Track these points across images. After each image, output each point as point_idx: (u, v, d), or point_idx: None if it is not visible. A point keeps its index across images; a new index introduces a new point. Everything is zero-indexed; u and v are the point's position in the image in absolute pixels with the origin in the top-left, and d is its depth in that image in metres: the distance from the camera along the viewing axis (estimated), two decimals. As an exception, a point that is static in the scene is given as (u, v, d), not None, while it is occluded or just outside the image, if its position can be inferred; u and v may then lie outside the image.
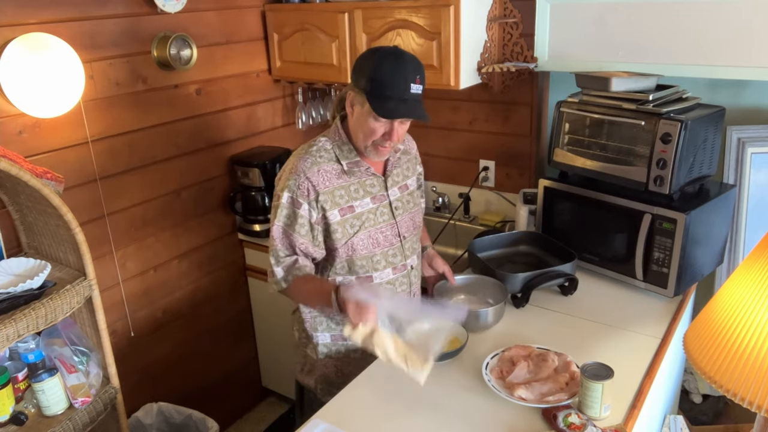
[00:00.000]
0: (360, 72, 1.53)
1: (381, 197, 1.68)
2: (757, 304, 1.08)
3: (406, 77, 1.49)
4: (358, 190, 1.64)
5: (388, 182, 1.69)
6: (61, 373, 1.75)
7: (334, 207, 1.60)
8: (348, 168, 1.62)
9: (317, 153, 1.61)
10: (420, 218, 1.83)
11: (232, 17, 2.52)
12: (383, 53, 1.52)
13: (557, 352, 1.58)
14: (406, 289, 1.76)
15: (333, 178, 1.61)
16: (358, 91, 1.52)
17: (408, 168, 1.79)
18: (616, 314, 1.81)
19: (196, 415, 2.20)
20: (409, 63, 1.51)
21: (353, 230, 1.63)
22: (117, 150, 2.19)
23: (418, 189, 1.85)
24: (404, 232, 1.73)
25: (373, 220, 1.66)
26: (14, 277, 1.70)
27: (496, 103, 2.55)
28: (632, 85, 1.88)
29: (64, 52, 1.89)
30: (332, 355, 1.76)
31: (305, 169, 1.58)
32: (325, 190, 1.59)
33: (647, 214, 1.83)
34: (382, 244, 1.67)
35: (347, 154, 1.63)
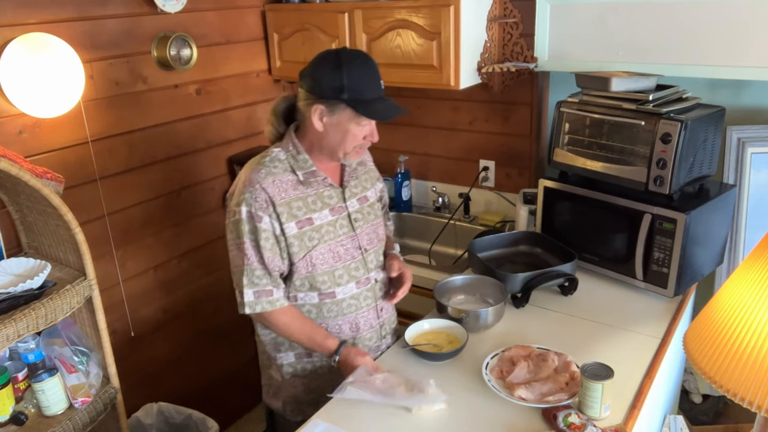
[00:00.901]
0: (325, 82, 1.46)
1: (339, 209, 1.62)
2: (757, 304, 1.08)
3: (377, 76, 1.50)
4: (315, 202, 1.58)
5: (346, 193, 1.64)
6: (61, 373, 1.75)
7: (290, 219, 1.53)
8: (304, 178, 1.56)
9: (271, 163, 1.55)
10: (383, 231, 1.77)
11: (232, 17, 2.53)
12: (347, 58, 1.48)
13: (557, 352, 1.58)
14: (372, 303, 1.69)
15: (289, 189, 1.54)
16: (329, 102, 1.47)
17: (366, 180, 1.73)
18: (616, 314, 1.81)
19: (196, 415, 2.20)
20: (373, 62, 1.51)
21: (312, 243, 1.56)
22: (117, 150, 2.19)
23: (379, 202, 1.80)
24: (365, 244, 1.67)
25: (333, 233, 1.60)
26: (14, 277, 1.70)
27: (496, 103, 2.55)
28: (632, 85, 1.88)
29: (64, 52, 1.89)
30: (298, 373, 1.70)
31: (260, 179, 1.52)
32: (282, 201, 1.52)
33: (647, 214, 1.83)
34: (343, 257, 1.61)
35: (302, 164, 1.57)
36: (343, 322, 1.65)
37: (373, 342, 1.71)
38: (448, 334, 1.71)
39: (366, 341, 1.70)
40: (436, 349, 1.64)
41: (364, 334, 1.69)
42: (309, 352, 1.68)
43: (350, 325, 1.66)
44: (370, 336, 1.70)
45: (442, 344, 1.67)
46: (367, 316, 1.69)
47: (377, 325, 1.72)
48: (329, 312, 1.63)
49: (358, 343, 1.68)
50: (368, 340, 1.70)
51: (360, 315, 1.67)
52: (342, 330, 1.66)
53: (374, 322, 1.71)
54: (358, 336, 1.68)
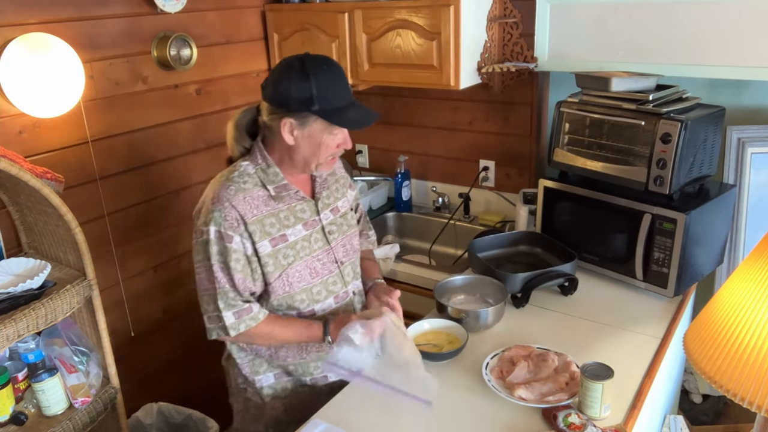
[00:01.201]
0: (297, 97, 1.38)
1: (313, 222, 1.56)
2: (757, 304, 1.09)
3: (345, 81, 1.44)
4: (288, 217, 1.51)
5: (319, 205, 1.58)
6: (61, 373, 1.75)
7: (264, 237, 1.46)
8: (276, 192, 1.49)
9: (240, 179, 1.47)
10: (357, 241, 1.71)
11: (232, 17, 2.52)
12: (313, 66, 1.40)
13: (557, 352, 1.58)
14: None
15: (261, 206, 1.47)
16: (299, 115, 1.40)
17: (337, 190, 1.67)
18: (616, 314, 1.81)
19: (196, 415, 2.20)
20: (339, 66, 1.44)
21: (287, 261, 1.50)
22: (117, 150, 2.19)
23: (352, 211, 1.73)
24: (341, 257, 1.61)
25: (308, 248, 1.54)
26: (14, 277, 1.70)
27: (496, 103, 2.55)
28: (632, 85, 1.88)
29: (64, 52, 1.89)
30: (279, 394, 1.65)
31: (229, 197, 1.43)
32: (253, 219, 1.45)
33: (647, 214, 1.83)
34: (320, 272, 1.56)
35: (273, 177, 1.49)
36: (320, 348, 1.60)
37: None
38: (448, 334, 1.71)
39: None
40: (436, 349, 1.64)
41: None
42: (289, 371, 1.63)
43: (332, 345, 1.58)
44: None
45: (442, 344, 1.67)
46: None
47: None
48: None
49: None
50: None
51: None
52: (323, 348, 1.60)
53: None
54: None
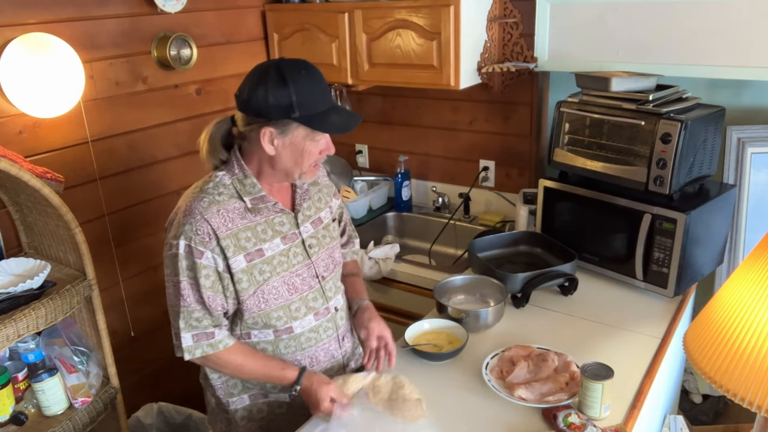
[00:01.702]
0: (276, 105, 1.31)
1: (292, 236, 1.48)
2: (757, 304, 1.09)
3: (325, 85, 1.38)
4: (266, 231, 1.44)
5: (299, 218, 1.50)
6: (61, 373, 1.75)
7: (238, 252, 1.39)
8: (252, 205, 1.42)
9: (215, 190, 1.40)
10: (338, 254, 1.63)
11: (232, 17, 2.53)
12: (290, 72, 1.32)
13: (557, 352, 1.58)
14: (333, 333, 1.58)
15: (236, 219, 1.40)
16: (278, 122, 1.33)
17: (320, 199, 1.60)
18: (616, 314, 1.81)
19: (196, 415, 2.20)
20: (317, 70, 1.38)
21: (263, 277, 1.42)
22: (117, 150, 2.19)
23: (333, 222, 1.65)
24: (322, 271, 1.54)
25: (287, 263, 1.46)
26: (14, 277, 1.70)
27: (496, 103, 2.55)
28: (632, 85, 1.88)
29: (64, 52, 1.89)
30: (254, 417, 1.58)
31: (202, 210, 1.37)
32: (227, 233, 1.38)
33: (647, 214, 1.83)
34: (300, 288, 1.49)
35: (250, 189, 1.42)
36: (302, 357, 1.54)
37: (335, 373, 1.59)
38: (448, 334, 1.71)
39: (327, 372, 1.58)
40: (436, 349, 1.64)
41: (324, 365, 1.58)
42: (265, 393, 1.57)
43: (310, 360, 1.55)
44: (331, 366, 1.60)
45: (442, 344, 1.67)
46: (328, 348, 1.58)
47: (339, 355, 1.61)
48: (287, 348, 1.51)
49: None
50: (330, 371, 1.59)
51: (320, 347, 1.56)
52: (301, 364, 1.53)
53: (336, 352, 1.60)
54: (317, 368, 1.56)
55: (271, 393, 1.58)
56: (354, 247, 1.82)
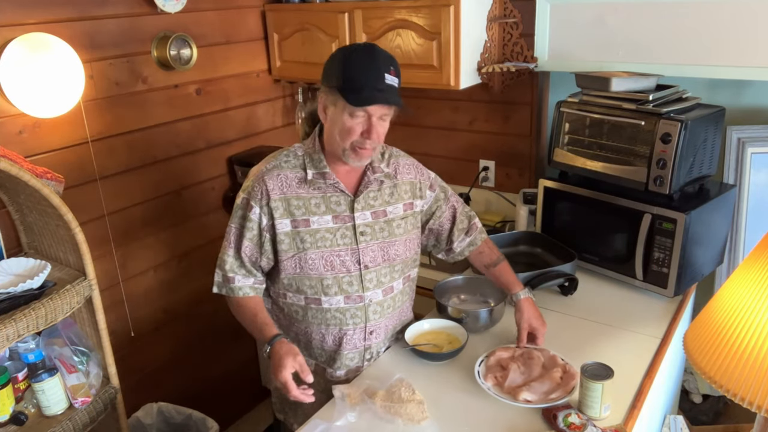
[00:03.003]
0: (331, 72, 1.46)
1: (345, 218, 1.54)
2: (757, 304, 1.08)
3: (378, 67, 1.43)
4: (319, 205, 1.53)
5: (357, 203, 1.55)
6: (61, 373, 1.74)
7: (285, 216, 1.51)
8: (312, 177, 1.52)
9: (284, 158, 1.56)
10: (397, 251, 1.60)
11: (232, 17, 2.52)
12: (353, 49, 1.48)
13: (538, 348, 1.59)
14: (360, 323, 1.59)
15: (293, 186, 1.52)
16: (329, 90, 1.46)
17: (392, 194, 1.61)
18: (616, 314, 1.81)
19: (196, 415, 2.20)
20: (380, 54, 1.46)
21: (303, 246, 1.52)
22: (117, 150, 2.19)
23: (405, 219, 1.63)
24: (368, 261, 1.56)
25: (331, 241, 1.53)
26: (14, 277, 1.70)
27: (496, 103, 2.55)
28: (632, 85, 1.88)
29: (64, 52, 1.89)
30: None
31: (265, 172, 1.53)
32: (280, 196, 1.51)
33: (647, 214, 1.83)
34: (338, 268, 1.54)
35: (317, 163, 1.53)
36: (326, 332, 1.60)
37: (354, 363, 1.63)
38: (448, 334, 1.71)
39: (347, 360, 1.62)
40: (436, 349, 1.64)
41: (346, 353, 1.61)
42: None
43: (334, 338, 1.60)
44: (352, 356, 1.62)
45: (442, 344, 1.67)
46: (352, 336, 1.60)
47: (362, 347, 1.63)
48: (314, 318, 1.59)
49: (337, 360, 1.61)
50: (349, 360, 1.62)
51: (345, 330, 1.59)
52: (325, 339, 1.61)
53: (359, 343, 1.62)
54: (339, 351, 1.61)
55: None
56: (477, 229, 1.78)
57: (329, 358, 1.63)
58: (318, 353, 1.65)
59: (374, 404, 1.43)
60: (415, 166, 1.72)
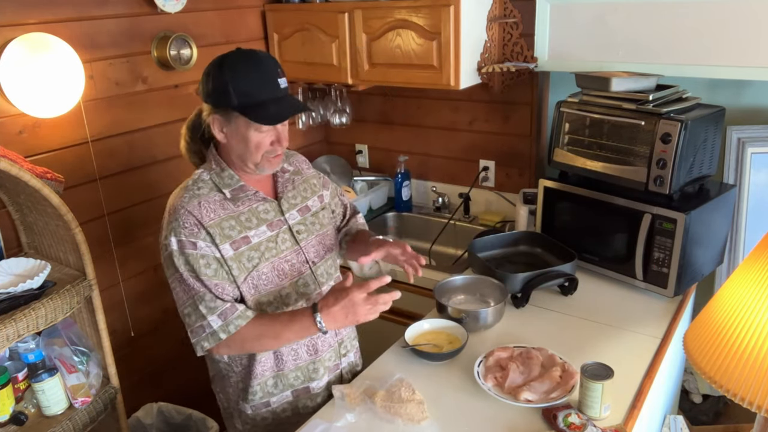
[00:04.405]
0: (215, 90, 1.35)
1: (278, 223, 1.50)
2: (757, 304, 1.09)
3: (269, 75, 1.37)
4: (250, 219, 1.46)
5: (283, 205, 1.53)
6: (61, 373, 1.75)
7: (224, 241, 1.40)
8: (232, 195, 1.44)
9: (194, 186, 1.44)
10: (331, 240, 1.63)
11: (232, 17, 2.52)
12: (232, 60, 1.36)
13: (536, 347, 1.59)
14: None
15: (218, 209, 1.42)
16: (222, 110, 1.36)
17: (305, 189, 1.61)
18: (616, 314, 1.81)
19: (196, 415, 2.20)
20: (265, 59, 1.38)
21: (251, 264, 1.44)
22: (117, 150, 2.19)
23: (323, 211, 1.64)
24: (312, 257, 1.55)
25: (275, 249, 1.48)
26: (14, 277, 1.70)
27: (496, 103, 2.55)
28: (632, 85, 1.88)
29: (64, 52, 1.89)
30: (259, 424, 1.58)
31: (184, 204, 1.40)
32: (211, 222, 1.40)
33: (647, 214, 1.83)
34: (289, 274, 1.50)
35: (228, 180, 1.45)
36: (298, 346, 1.54)
37: (332, 362, 1.61)
38: (448, 334, 1.71)
39: (326, 362, 1.59)
40: (436, 349, 1.64)
41: (324, 355, 1.58)
42: (267, 401, 1.55)
43: (307, 348, 1.56)
44: (329, 356, 1.60)
45: (442, 344, 1.67)
46: (324, 336, 1.57)
47: (335, 343, 1.62)
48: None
49: (318, 366, 1.57)
50: (328, 361, 1.60)
51: (317, 335, 1.55)
52: (299, 355, 1.54)
53: (332, 340, 1.60)
54: (317, 358, 1.57)
55: (273, 397, 1.56)
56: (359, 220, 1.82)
57: (307, 372, 1.57)
58: (293, 377, 1.56)
59: (374, 404, 1.44)
60: (307, 161, 1.71)
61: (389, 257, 1.60)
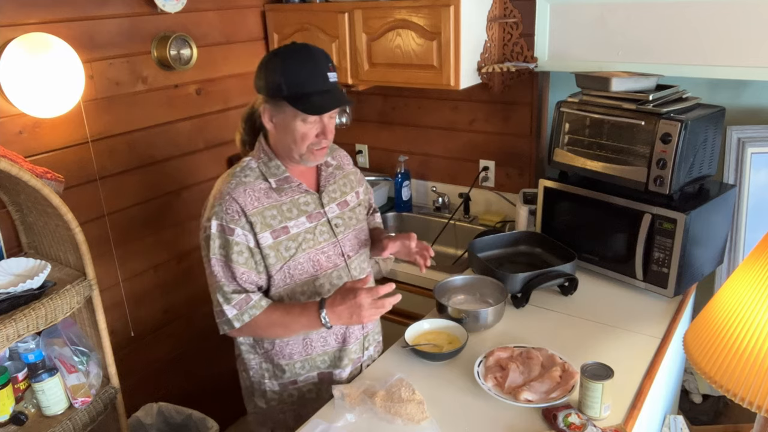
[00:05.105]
0: (269, 80, 1.42)
1: (318, 215, 1.55)
2: (757, 304, 1.09)
3: (320, 68, 1.42)
4: (291, 210, 1.51)
5: (323, 198, 1.58)
6: (61, 373, 1.75)
7: (265, 229, 1.46)
8: (277, 185, 1.50)
9: (242, 173, 1.50)
10: (366, 235, 1.70)
11: (232, 17, 2.53)
12: (286, 53, 1.42)
13: (536, 348, 1.59)
14: None
15: (262, 198, 1.48)
16: (273, 100, 1.43)
17: (345, 184, 1.66)
18: (616, 314, 1.81)
19: (196, 415, 2.20)
20: (317, 53, 1.43)
21: (289, 253, 1.49)
22: (117, 150, 2.19)
23: (359, 206, 1.70)
24: (348, 250, 1.61)
25: (313, 241, 1.53)
26: (14, 277, 1.70)
27: (496, 103, 2.55)
28: (632, 85, 1.88)
29: (64, 52, 1.89)
30: (285, 400, 1.64)
31: (230, 190, 1.46)
32: (254, 210, 1.46)
33: (647, 214, 1.83)
34: (325, 265, 1.55)
35: (275, 170, 1.51)
36: (327, 334, 1.59)
37: (356, 354, 1.65)
38: (448, 334, 1.71)
39: (351, 354, 1.63)
40: (436, 349, 1.64)
41: (350, 347, 1.63)
42: (294, 380, 1.61)
43: (336, 336, 1.61)
44: (355, 349, 1.64)
45: (442, 344, 1.67)
46: (353, 327, 1.62)
47: (361, 336, 1.66)
48: None
49: (344, 356, 1.62)
50: (353, 353, 1.64)
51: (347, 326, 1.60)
52: (328, 342, 1.60)
53: (359, 333, 1.65)
54: (344, 348, 1.62)
55: (300, 377, 1.62)
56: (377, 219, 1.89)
57: (334, 359, 1.63)
58: (320, 360, 1.62)
59: (374, 404, 1.44)
60: (348, 156, 1.78)
61: (403, 250, 1.65)
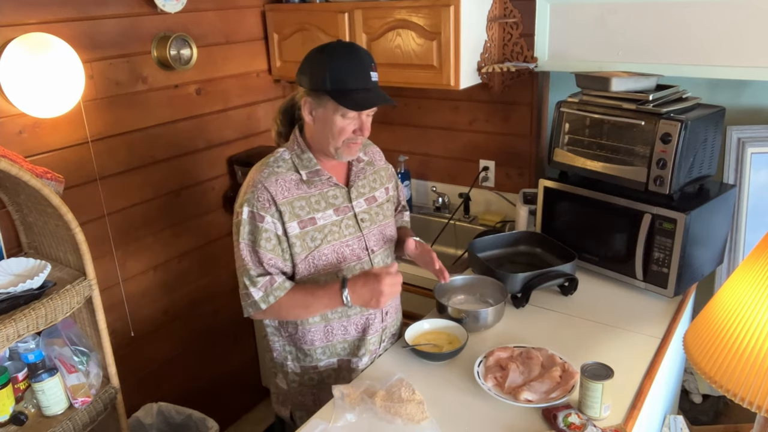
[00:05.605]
0: (313, 74, 1.46)
1: (345, 209, 1.60)
2: (757, 304, 1.09)
3: (364, 67, 1.47)
4: (319, 202, 1.56)
5: (352, 193, 1.62)
6: (61, 373, 1.75)
7: (292, 219, 1.52)
8: (308, 177, 1.55)
9: (275, 163, 1.55)
10: (392, 231, 1.73)
11: (232, 17, 2.53)
12: (333, 49, 1.47)
13: (536, 347, 1.58)
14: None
15: (292, 188, 1.53)
16: (315, 94, 1.47)
17: (375, 180, 1.71)
18: (616, 314, 1.81)
19: (196, 415, 2.20)
20: (362, 52, 1.48)
21: (314, 244, 1.54)
22: (117, 150, 2.19)
23: (387, 203, 1.73)
24: (372, 245, 1.64)
25: (338, 233, 1.58)
26: (14, 277, 1.70)
27: (496, 103, 2.55)
28: (632, 85, 1.88)
29: (64, 52, 1.89)
30: (305, 383, 1.69)
31: (263, 179, 1.51)
32: (284, 200, 1.51)
33: (647, 214, 1.83)
34: (349, 258, 1.59)
35: (307, 163, 1.56)
36: (348, 324, 1.63)
37: (374, 345, 1.69)
38: (448, 334, 1.71)
39: (370, 345, 1.67)
40: (436, 349, 1.64)
41: (369, 337, 1.66)
42: (315, 365, 1.66)
43: (356, 327, 1.65)
44: (373, 341, 1.68)
45: (442, 344, 1.67)
46: (374, 320, 1.66)
47: (380, 329, 1.69)
48: (333, 313, 1.61)
49: (362, 345, 1.65)
50: (371, 344, 1.67)
51: (365, 316, 1.64)
52: (348, 332, 1.64)
53: (378, 325, 1.68)
54: (364, 338, 1.65)
55: (321, 362, 1.65)
56: (405, 217, 1.93)
57: (353, 347, 1.66)
58: (341, 348, 1.66)
59: (374, 404, 1.44)
60: (380, 152, 1.81)
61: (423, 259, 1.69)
